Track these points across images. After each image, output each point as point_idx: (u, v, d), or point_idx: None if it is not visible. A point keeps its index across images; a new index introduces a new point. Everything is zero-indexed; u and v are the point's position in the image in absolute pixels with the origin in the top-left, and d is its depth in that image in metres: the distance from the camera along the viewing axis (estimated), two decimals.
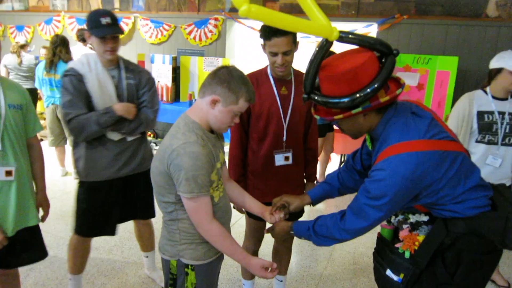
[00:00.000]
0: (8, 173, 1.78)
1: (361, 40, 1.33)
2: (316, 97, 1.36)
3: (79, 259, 2.44)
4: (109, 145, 2.25)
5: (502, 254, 1.49)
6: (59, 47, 4.40)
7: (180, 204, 1.52)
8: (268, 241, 2.50)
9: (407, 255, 1.47)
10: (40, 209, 2.07)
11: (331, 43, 1.31)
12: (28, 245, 1.96)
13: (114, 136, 2.24)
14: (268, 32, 1.91)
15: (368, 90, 1.27)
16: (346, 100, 1.29)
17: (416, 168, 1.29)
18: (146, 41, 6.46)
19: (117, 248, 3.16)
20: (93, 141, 2.21)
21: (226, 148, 2.11)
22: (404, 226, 1.51)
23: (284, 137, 2.12)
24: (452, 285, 1.39)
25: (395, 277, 1.47)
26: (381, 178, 1.33)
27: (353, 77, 1.29)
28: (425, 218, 1.48)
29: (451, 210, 1.38)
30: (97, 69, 2.18)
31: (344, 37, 1.30)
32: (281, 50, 1.93)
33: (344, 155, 5.35)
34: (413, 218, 1.51)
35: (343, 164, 1.84)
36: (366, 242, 3.38)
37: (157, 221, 3.20)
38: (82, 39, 5.16)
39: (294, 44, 1.99)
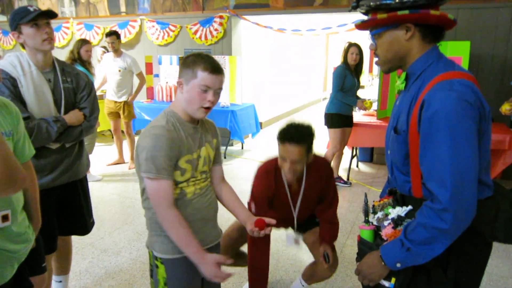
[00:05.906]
0: (5, 217, 1.38)
1: None
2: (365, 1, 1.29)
3: None
4: (45, 152, 2.02)
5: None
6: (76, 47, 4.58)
7: None
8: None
9: None
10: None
11: None
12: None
13: (52, 144, 2.03)
14: (283, 136, 1.92)
15: None
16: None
17: (472, 89, 1.16)
18: (153, 43, 6.49)
19: (125, 250, 3.15)
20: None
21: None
22: (386, 223, 1.32)
23: (295, 227, 2.26)
24: (446, 284, 1.26)
25: (386, 283, 1.31)
26: (439, 98, 1.14)
27: None
28: (407, 209, 1.31)
29: None
30: (31, 72, 1.92)
31: None
32: (291, 158, 1.92)
33: (356, 149, 5.24)
34: (394, 213, 1.33)
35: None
36: None
37: (142, 223, 3.17)
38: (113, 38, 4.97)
39: (307, 154, 1.96)
